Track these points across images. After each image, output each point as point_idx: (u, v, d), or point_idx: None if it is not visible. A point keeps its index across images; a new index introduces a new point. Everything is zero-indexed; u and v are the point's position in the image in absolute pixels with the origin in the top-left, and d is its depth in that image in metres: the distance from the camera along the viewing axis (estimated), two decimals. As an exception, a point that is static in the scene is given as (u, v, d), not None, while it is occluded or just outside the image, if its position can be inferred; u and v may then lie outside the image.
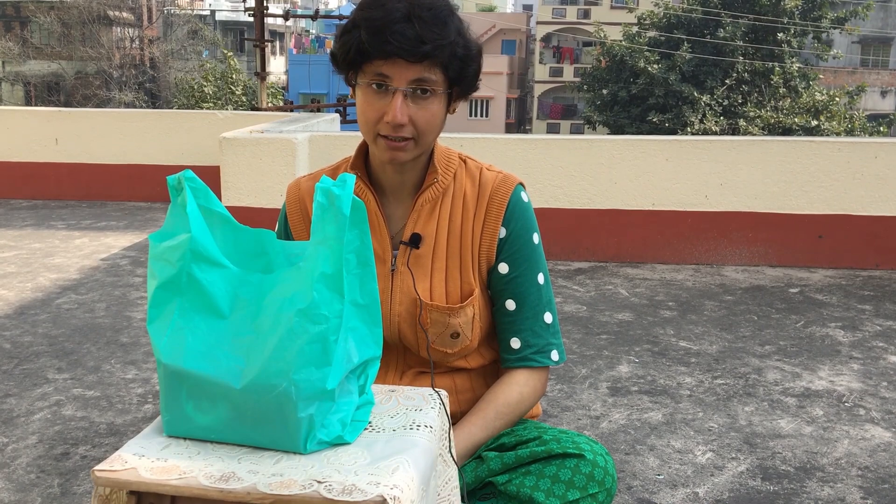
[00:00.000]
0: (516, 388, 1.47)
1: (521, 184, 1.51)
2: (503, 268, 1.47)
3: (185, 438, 1.17)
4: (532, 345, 1.48)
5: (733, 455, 2.55)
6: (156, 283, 1.15)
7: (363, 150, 1.48)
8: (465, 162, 1.50)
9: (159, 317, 1.15)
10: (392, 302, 1.44)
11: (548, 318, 1.49)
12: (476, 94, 1.52)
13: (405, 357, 1.49)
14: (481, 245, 1.46)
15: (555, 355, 1.50)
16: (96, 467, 1.08)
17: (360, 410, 1.19)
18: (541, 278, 1.49)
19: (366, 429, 1.19)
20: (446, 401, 1.29)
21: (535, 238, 1.49)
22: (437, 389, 1.31)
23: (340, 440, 1.13)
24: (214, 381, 1.11)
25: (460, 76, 1.36)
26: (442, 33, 1.30)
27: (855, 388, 3.12)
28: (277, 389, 1.08)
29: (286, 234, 1.54)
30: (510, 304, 1.48)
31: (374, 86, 1.33)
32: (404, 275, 1.44)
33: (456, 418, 1.49)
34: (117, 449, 2.32)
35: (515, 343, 1.48)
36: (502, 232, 1.46)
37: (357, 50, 1.31)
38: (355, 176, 1.16)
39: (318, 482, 1.05)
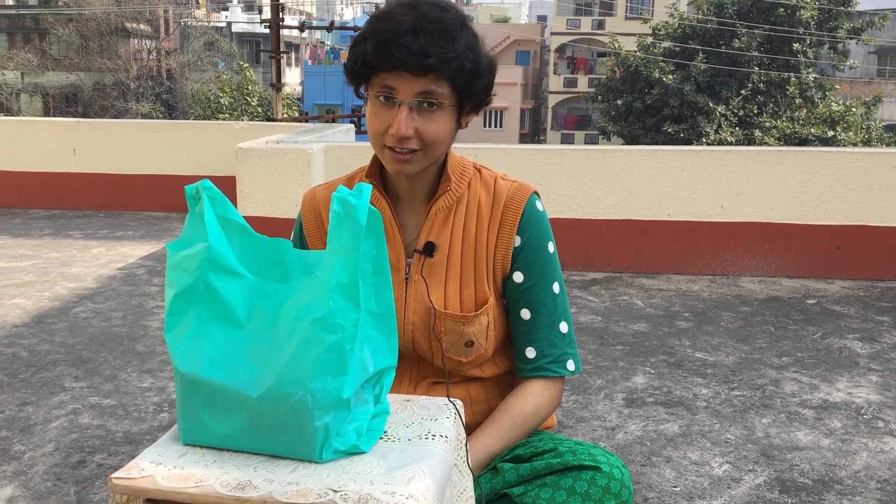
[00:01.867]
0: (532, 398, 1.46)
1: (536, 192, 1.50)
2: (518, 277, 1.46)
3: (201, 447, 1.17)
4: (547, 354, 1.47)
5: (750, 467, 2.52)
6: (173, 291, 1.16)
7: (378, 158, 1.48)
8: (479, 171, 1.50)
9: (177, 325, 1.16)
10: (406, 310, 1.44)
11: (563, 327, 1.48)
12: (490, 105, 1.49)
13: (419, 367, 1.49)
14: (496, 254, 1.46)
15: (570, 365, 1.49)
16: (113, 475, 1.08)
17: (376, 420, 1.19)
18: (556, 287, 1.48)
19: (381, 438, 1.19)
20: (461, 410, 1.29)
21: (551, 247, 1.49)
22: (452, 399, 1.30)
23: (356, 449, 1.13)
24: (231, 389, 1.11)
25: (468, 90, 1.35)
26: (448, 47, 1.29)
27: (873, 400, 3.09)
28: (294, 398, 1.08)
29: (301, 243, 1.54)
30: (525, 314, 1.47)
31: (381, 98, 1.33)
32: (418, 283, 1.44)
33: (470, 429, 1.48)
34: (133, 457, 2.33)
35: (531, 353, 1.47)
36: (517, 241, 1.46)
37: (364, 62, 1.32)
38: (371, 185, 1.16)
39: (334, 491, 1.05)
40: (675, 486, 2.40)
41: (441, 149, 1.39)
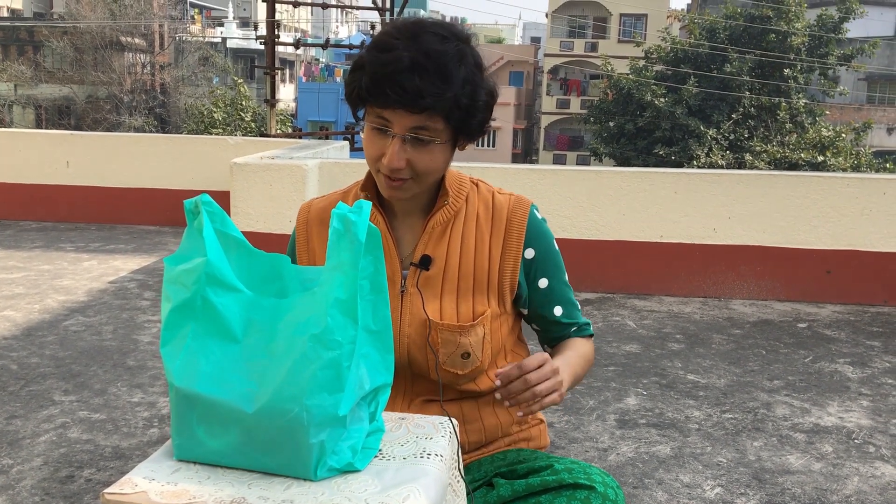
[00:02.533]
0: (588, 346, 1.58)
1: (534, 204, 1.53)
2: (543, 283, 1.53)
3: (195, 463, 1.16)
4: (580, 327, 1.59)
5: (742, 490, 2.52)
6: (170, 305, 1.15)
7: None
8: (477, 185, 1.51)
9: (172, 340, 1.15)
10: (401, 323, 1.43)
11: (575, 299, 1.61)
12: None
13: (413, 385, 1.48)
14: (503, 266, 1.46)
15: (591, 328, 1.63)
16: (106, 490, 1.07)
17: (371, 437, 1.19)
18: (566, 278, 1.59)
19: (376, 456, 1.18)
20: (457, 429, 1.29)
21: (555, 245, 1.56)
22: (447, 417, 1.30)
23: (351, 467, 1.13)
24: (226, 405, 1.11)
25: (463, 125, 1.35)
26: (444, 86, 1.28)
27: (864, 424, 3.10)
28: (289, 415, 1.08)
29: (291, 254, 1.54)
30: (558, 311, 1.55)
31: (375, 126, 1.34)
32: (414, 296, 1.43)
33: (464, 448, 1.48)
34: (122, 472, 2.31)
35: (558, 310, 1.56)
36: (529, 253, 1.49)
37: (358, 95, 1.33)
38: (371, 203, 1.16)
39: (330, 509, 1.04)
40: (666, 509, 2.39)
41: (433, 177, 1.40)
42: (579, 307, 1.61)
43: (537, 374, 1.26)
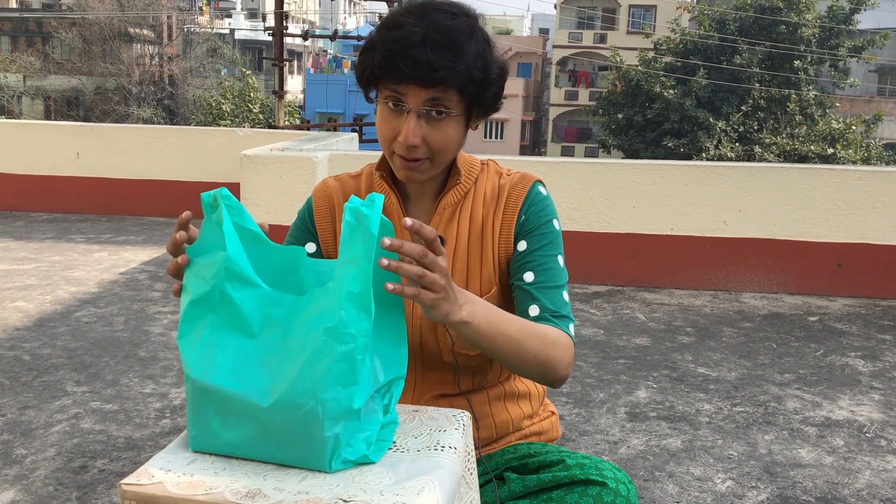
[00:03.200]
0: (552, 329, 1.34)
1: (540, 181, 1.49)
2: (522, 245, 1.43)
3: (210, 454, 1.17)
4: (552, 311, 1.38)
5: (753, 484, 2.52)
6: (189, 298, 1.15)
7: None
8: (487, 165, 1.50)
9: (190, 332, 1.16)
10: (414, 306, 1.43)
11: (566, 296, 1.42)
12: (491, 116, 1.48)
13: (424, 377, 1.48)
14: (500, 239, 1.45)
15: (572, 330, 1.40)
16: (123, 481, 1.08)
17: (385, 430, 1.19)
18: (560, 261, 1.44)
19: (390, 448, 1.18)
20: (469, 423, 1.29)
21: (556, 224, 1.46)
22: (460, 411, 1.30)
23: (366, 459, 1.13)
24: (241, 398, 1.11)
25: (477, 99, 1.35)
26: (456, 59, 1.28)
27: (876, 418, 3.09)
28: (304, 408, 1.08)
29: (308, 230, 1.51)
30: (528, 276, 1.40)
31: (390, 104, 1.33)
32: None
33: (474, 444, 1.47)
34: (135, 463, 2.32)
35: (534, 310, 1.39)
36: (521, 218, 1.43)
37: (371, 72, 1.32)
38: (384, 196, 1.15)
39: (344, 501, 1.05)
40: (677, 502, 2.39)
41: (449, 155, 1.39)
42: (567, 300, 1.42)
43: (431, 259, 1.11)
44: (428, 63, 1.26)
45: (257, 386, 1.11)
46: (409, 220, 1.10)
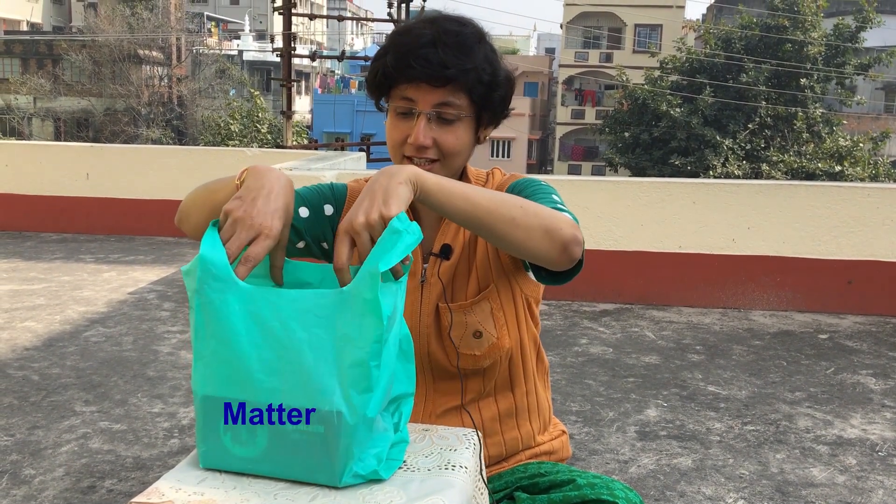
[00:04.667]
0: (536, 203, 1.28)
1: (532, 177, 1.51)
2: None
3: (221, 472, 1.16)
4: (549, 204, 1.34)
5: (765, 503, 2.49)
6: (192, 313, 1.15)
7: None
8: (492, 174, 1.52)
9: (196, 345, 1.15)
10: (421, 314, 1.43)
11: (560, 205, 1.37)
12: (498, 135, 1.48)
13: (435, 389, 1.47)
14: None
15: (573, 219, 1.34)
16: (134, 499, 1.07)
17: (395, 448, 1.18)
18: (555, 198, 1.40)
19: (400, 468, 1.18)
20: (480, 442, 1.28)
21: (543, 180, 1.45)
22: (470, 430, 1.30)
23: (376, 475, 1.12)
24: (250, 406, 1.11)
25: (486, 101, 1.37)
26: (466, 59, 1.32)
27: (888, 437, 3.06)
28: (318, 414, 1.08)
29: (327, 199, 1.49)
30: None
31: (400, 109, 1.36)
32: (434, 286, 1.43)
33: (484, 462, 1.46)
34: (143, 483, 2.32)
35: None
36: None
37: (384, 74, 1.35)
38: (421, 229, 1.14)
39: (356, 520, 1.04)
40: (689, 522, 2.37)
41: (459, 160, 1.40)
42: (564, 207, 1.37)
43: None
44: (439, 61, 1.30)
45: (265, 391, 1.10)
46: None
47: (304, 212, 1.48)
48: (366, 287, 1.09)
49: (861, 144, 23.26)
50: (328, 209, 1.49)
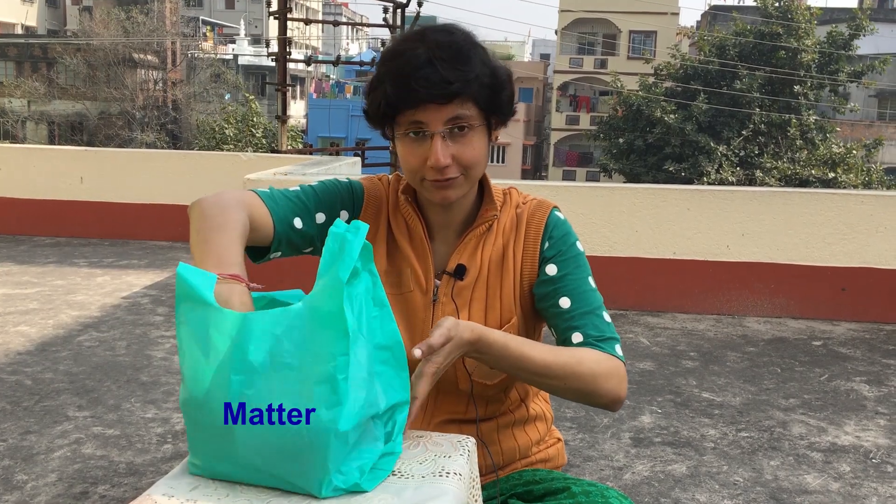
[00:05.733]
0: (591, 355, 1.33)
1: (556, 207, 1.49)
2: (551, 269, 1.41)
3: (213, 479, 1.16)
4: (595, 337, 1.36)
5: (760, 510, 2.50)
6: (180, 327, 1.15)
7: None
8: (509, 195, 1.49)
9: (181, 357, 1.15)
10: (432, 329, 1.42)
11: (606, 316, 1.40)
12: (493, 142, 1.48)
13: (436, 402, 1.46)
14: (523, 268, 1.43)
15: (619, 350, 1.38)
16: (127, 507, 1.07)
17: (384, 459, 1.17)
18: (591, 282, 1.42)
19: (394, 474, 1.17)
20: (474, 449, 1.28)
21: (579, 245, 1.45)
22: (466, 436, 1.29)
23: (357, 488, 1.11)
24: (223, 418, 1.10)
25: (493, 104, 1.35)
26: (465, 69, 1.29)
27: (882, 444, 3.07)
28: (290, 431, 1.07)
29: (344, 201, 1.48)
30: (565, 302, 1.39)
31: (411, 134, 1.33)
32: (446, 305, 1.41)
33: (480, 471, 1.46)
34: (136, 489, 2.30)
35: (577, 337, 1.37)
36: (545, 245, 1.43)
37: (387, 104, 1.31)
38: (368, 225, 1.15)
39: (350, 529, 1.04)
40: (683, 529, 2.37)
41: (479, 169, 1.38)
42: (608, 320, 1.40)
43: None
44: (441, 79, 1.27)
45: (238, 402, 1.09)
46: (417, 352, 1.18)
47: (320, 217, 1.46)
48: (329, 299, 1.08)
49: (854, 151, 23.37)
50: (344, 215, 1.47)
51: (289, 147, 15.34)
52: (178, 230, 7.16)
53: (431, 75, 1.27)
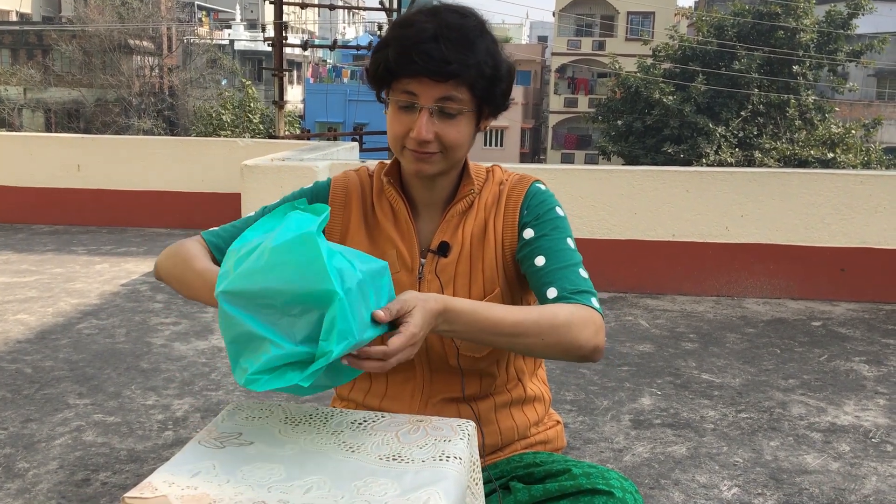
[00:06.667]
0: (564, 308, 1.31)
1: (539, 180, 1.50)
2: (528, 233, 1.42)
3: (214, 466, 1.16)
4: (571, 290, 1.36)
5: (759, 490, 2.50)
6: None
7: (398, 161, 1.49)
8: (492, 172, 1.52)
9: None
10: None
11: (583, 273, 1.40)
12: (491, 124, 1.49)
13: (431, 380, 1.47)
14: (504, 238, 1.45)
15: (595, 302, 1.36)
16: (126, 494, 1.07)
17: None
18: (570, 242, 1.43)
19: (395, 459, 1.17)
20: (474, 432, 1.28)
21: (559, 211, 1.46)
22: (465, 420, 1.29)
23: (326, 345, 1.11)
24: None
25: (488, 95, 1.37)
26: (468, 53, 1.31)
27: (881, 423, 3.07)
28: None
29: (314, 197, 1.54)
30: (540, 261, 1.39)
31: (402, 103, 1.36)
32: (431, 283, 1.43)
33: (480, 451, 1.46)
34: (138, 475, 2.31)
35: (552, 293, 1.36)
36: (523, 212, 1.44)
37: (385, 68, 1.34)
38: (329, 209, 1.21)
39: (350, 513, 1.04)
40: (683, 510, 2.37)
41: (461, 152, 1.40)
42: (584, 276, 1.39)
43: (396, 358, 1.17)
44: (441, 57, 1.29)
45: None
46: (380, 313, 1.16)
47: None
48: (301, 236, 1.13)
49: (853, 131, 23.32)
50: None
51: (286, 132, 15.30)
52: (176, 217, 7.15)
53: (433, 51, 1.29)
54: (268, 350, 1.13)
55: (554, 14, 40.99)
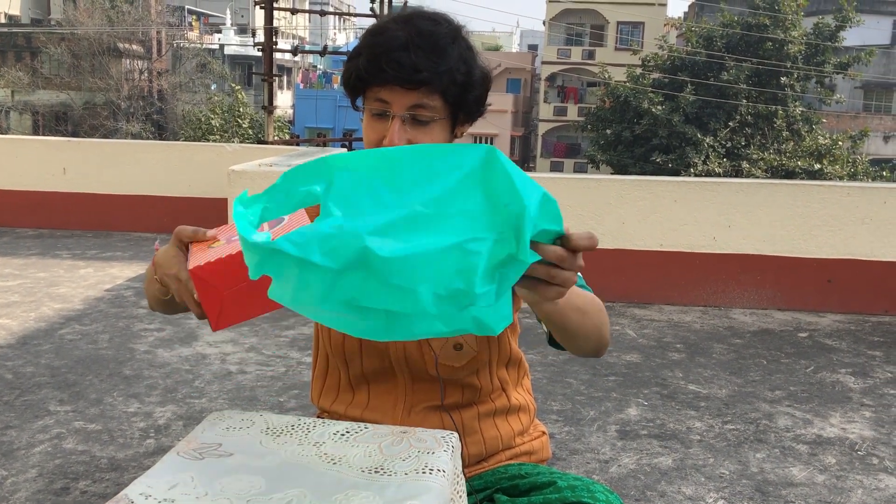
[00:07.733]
0: (592, 294, 1.30)
1: None
2: None
3: (192, 476, 1.14)
4: (580, 284, 1.34)
5: (745, 503, 2.49)
6: None
7: None
8: None
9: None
10: None
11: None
12: (480, 132, 1.48)
13: (413, 389, 1.46)
14: None
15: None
16: (102, 508, 1.04)
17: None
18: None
19: (378, 471, 1.16)
20: (458, 444, 1.26)
21: None
22: (450, 432, 1.28)
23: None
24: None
25: (460, 102, 1.36)
26: (439, 61, 1.30)
27: (867, 436, 3.07)
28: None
29: None
30: None
31: (375, 111, 1.35)
32: None
33: (464, 462, 1.45)
34: (118, 484, 2.27)
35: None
36: None
37: (357, 76, 1.34)
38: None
39: (332, 528, 1.02)
40: (669, 522, 2.36)
41: None
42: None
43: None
44: (411, 65, 1.28)
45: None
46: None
47: None
48: None
49: (840, 143, 23.47)
50: None
51: (276, 138, 15.26)
52: (163, 222, 7.11)
53: (403, 59, 1.28)
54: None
55: (544, 23, 41.14)
